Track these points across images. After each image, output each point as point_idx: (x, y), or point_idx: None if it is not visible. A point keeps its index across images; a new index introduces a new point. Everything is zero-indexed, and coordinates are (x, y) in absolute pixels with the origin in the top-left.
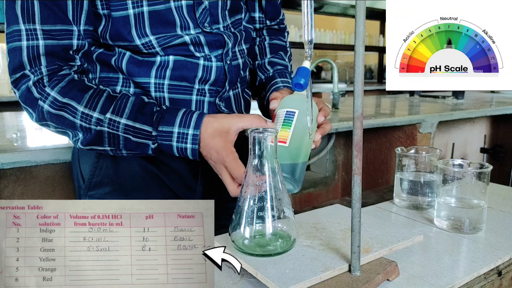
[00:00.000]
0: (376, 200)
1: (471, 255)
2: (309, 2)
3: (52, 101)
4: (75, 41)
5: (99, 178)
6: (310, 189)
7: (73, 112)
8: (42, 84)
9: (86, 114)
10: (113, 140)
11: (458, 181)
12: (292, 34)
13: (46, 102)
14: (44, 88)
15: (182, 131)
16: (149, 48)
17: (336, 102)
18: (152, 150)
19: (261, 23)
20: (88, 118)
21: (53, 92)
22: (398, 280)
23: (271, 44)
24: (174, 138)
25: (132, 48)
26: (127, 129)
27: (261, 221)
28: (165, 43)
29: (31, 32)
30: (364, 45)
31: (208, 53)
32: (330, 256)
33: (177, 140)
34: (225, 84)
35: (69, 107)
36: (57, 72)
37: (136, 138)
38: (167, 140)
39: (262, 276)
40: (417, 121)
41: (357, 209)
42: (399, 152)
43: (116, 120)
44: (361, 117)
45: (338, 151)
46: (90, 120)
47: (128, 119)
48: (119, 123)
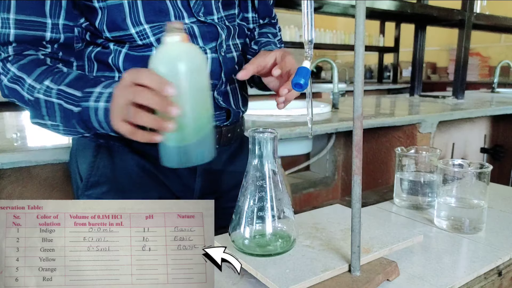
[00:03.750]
0: (376, 200)
1: (471, 255)
2: (309, 2)
3: (11, 75)
4: (48, 33)
5: (96, 178)
6: (310, 189)
7: (22, 85)
8: (6, 60)
9: (32, 86)
10: (49, 109)
11: (458, 181)
12: (292, 34)
13: (7, 76)
14: (7, 64)
15: (102, 91)
16: (144, 38)
17: (336, 102)
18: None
19: (255, 23)
20: (32, 89)
21: (13, 67)
22: (398, 280)
23: (260, 32)
24: (92, 97)
25: (127, 39)
26: (59, 94)
27: (261, 221)
28: (159, 32)
29: (5, 21)
30: (364, 45)
31: (202, 45)
32: (330, 256)
33: (95, 99)
34: (221, 75)
35: (21, 79)
36: (23, 51)
37: (66, 103)
38: (86, 100)
39: (262, 276)
40: (417, 121)
41: (357, 209)
42: (399, 152)
43: (52, 87)
44: (361, 117)
45: (338, 151)
46: (33, 91)
47: (64, 85)
48: (53, 89)
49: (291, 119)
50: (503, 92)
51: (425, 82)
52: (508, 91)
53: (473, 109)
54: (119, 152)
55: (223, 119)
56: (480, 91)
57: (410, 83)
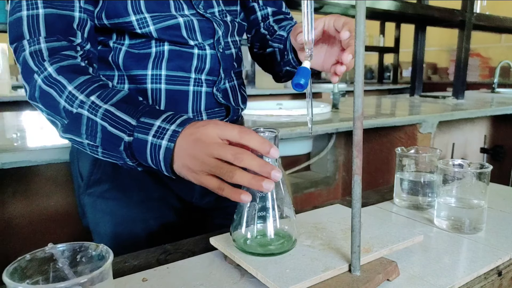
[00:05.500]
0: (376, 200)
1: (471, 255)
2: (309, 2)
3: (46, 76)
4: (76, 13)
5: (98, 176)
6: (310, 189)
7: (61, 91)
8: (41, 57)
9: (72, 95)
10: (90, 128)
11: (458, 181)
12: None
13: (40, 76)
14: (43, 62)
15: (164, 126)
16: (143, 27)
17: (336, 102)
18: (124, 146)
19: (264, 18)
20: (73, 99)
21: (50, 67)
22: (398, 280)
23: (281, 26)
24: (152, 131)
25: (126, 27)
26: (106, 115)
27: (263, 220)
28: (159, 21)
29: (32, 2)
30: (364, 45)
31: (201, 41)
32: (330, 256)
33: (154, 134)
34: (219, 72)
35: (59, 84)
36: (60, 50)
37: (113, 127)
38: (144, 133)
39: (262, 276)
40: (418, 121)
41: (358, 209)
42: (399, 152)
43: (98, 105)
44: (361, 117)
45: (339, 151)
46: (74, 101)
47: (111, 105)
48: (100, 107)
49: (292, 119)
50: (503, 93)
51: (426, 82)
52: (508, 91)
53: (473, 109)
54: None
55: (222, 116)
56: (480, 91)
57: (411, 83)
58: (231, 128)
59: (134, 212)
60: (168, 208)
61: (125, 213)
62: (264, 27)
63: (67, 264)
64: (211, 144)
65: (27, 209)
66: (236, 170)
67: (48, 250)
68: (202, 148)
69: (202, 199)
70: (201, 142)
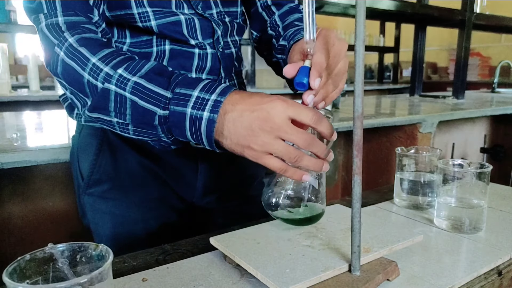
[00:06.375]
0: (376, 200)
1: (471, 255)
2: (310, 2)
3: (67, 47)
4: None
5: (98, 175)
6: None
7: (83, 63)
8: (59, 29)
9: (97, 67)
10: (119, 105)
11: (458, 181)
12: None
13: (62, 48)
14: (63, 34)
15: (203, 96)
16: (145, 21)
17: (336, 102)
18: (159, 121)
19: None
20: (97, 71)
21: (71, 38)
22: (398, 280)
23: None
24: (190, 102)
25: (128, 19)
26: (136, 88)
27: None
28: (161, 17)
29: None
30: (364, 45)
31: (202, 40)
32: (330, 256)
33: (194, 105)
34: (220, 71)
35: (80, 56)
36: (80, 23)
37: (144, 101)
38: (181, 105)
39: (262, 275)
40: (418, 121)
41: (357, 209)
42: (399, 152)
43: (126, 77)
44: (361, 117)
45: (339, 151)
46: (98, 74)
47: (140, 77)
48: (129, 80)
49: None
50: (503, 92)
51: (426, 82)
52: (508, 91)
53: (473, 109)
54: (121, 150)
55: None
56: (480, 91)
57: (411, 83)
58: (305, 110)
59: (134, 212)
60: (168, 208)
61: (125, 213)
62: (269, 24)
63: (66, 264)
64: (282, 126)
65: (27, 209)
66: (304, 156)
67: (48, 250)
68: (270, 129)
69: (202, 199)
70: (268, 121)
